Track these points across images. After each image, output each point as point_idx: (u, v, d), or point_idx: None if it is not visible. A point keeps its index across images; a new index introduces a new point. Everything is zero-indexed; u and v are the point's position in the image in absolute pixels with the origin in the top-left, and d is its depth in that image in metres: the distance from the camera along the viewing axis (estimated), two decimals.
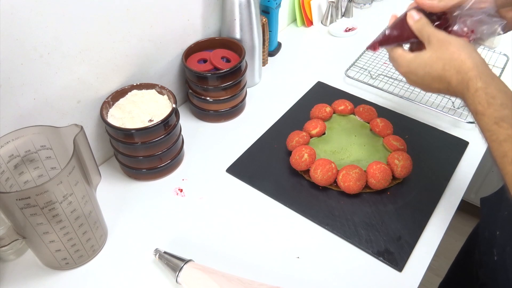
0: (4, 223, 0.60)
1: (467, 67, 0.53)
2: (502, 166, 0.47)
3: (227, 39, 0.90)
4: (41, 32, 0.61)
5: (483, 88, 0.51)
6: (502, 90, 0.51)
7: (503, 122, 0.48)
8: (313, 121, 0.83)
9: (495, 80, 0.52)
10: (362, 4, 1.29)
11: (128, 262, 0.66)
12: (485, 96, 0.50)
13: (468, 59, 0.53)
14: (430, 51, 0.57)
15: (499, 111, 0.49)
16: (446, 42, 0.56)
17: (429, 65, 0.57)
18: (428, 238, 0.69)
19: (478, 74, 0.52)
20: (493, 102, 0.50)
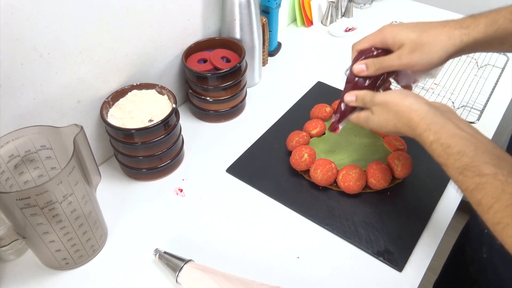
0: (4, 223, 0.60)
1: (414, 123, 0.54)
2: (480, 214, 0.46)
3: (227, 39, 0.90)
4: (41, 32, 0.61)
5: (436, 140, 0.51)
6: (455, 135, 0.50)
7: (467, 171, 0.47)
8: (313, 121, 0.83)
9: (445, 126, 0.52)
10: (362, 4, 1.29)
11: (128, 262, 0.66)
12: (441, 147, 0.50)
13: (412, 113, 0.54)
14: (376, 116, 0.60)
15: (459, 160, 0.48)
16: (385, 104, 0.58)
17: (383, 126, 0.59)
18: (428, 238, 0.69)
19: (426, 127, 0.52)
20: (450, 152, 0.49)
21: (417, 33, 0.59)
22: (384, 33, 0.62)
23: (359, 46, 0.65)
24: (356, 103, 0.64)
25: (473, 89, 0.97)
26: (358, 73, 0.64)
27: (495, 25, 0.57)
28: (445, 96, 0.94)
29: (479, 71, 1.02)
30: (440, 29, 0.59)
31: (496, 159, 0.46)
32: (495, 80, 0.99)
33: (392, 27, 0.62)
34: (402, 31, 0.60)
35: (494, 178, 0.44)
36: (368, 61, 0.63)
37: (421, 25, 0.61)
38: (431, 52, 0.59)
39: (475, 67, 1.04)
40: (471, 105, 0.92)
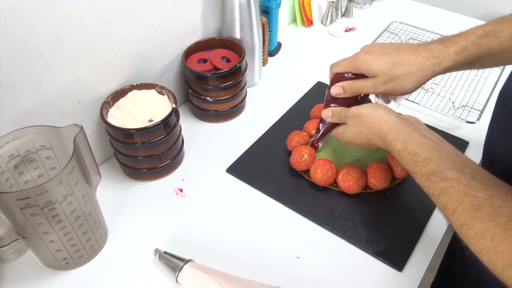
0: (4, 223, 0.60)
1: (384, 133, 0.58)
2: (447, 218, 0.48)
3: (227, 39, 0.90)
4: (41, 32, 0.61)
5: (404, 149, 0.55)
6: (421, 144, 0.53)
7: (433, 177, 0.50)
8: (313, 121, 0.83)
9: (412, 135, 0.55)
10: (362, 4, 1.29)
11: (128, 262, 0.66)
12: (409, 155, 0.54)
13: (382, 124, 0.58)
14: (350, 128, 0.64)
15: (426, 167, 0.51)
16: (358, 115, 0.63)
17: (356, 138, 0.63)
18: (428, 238, 0.69)
19: (395, 137, 0.56)
20: (417, 159, 0.52)
21: (389, 66, 0.62)
22: (358, 62, 0.65)
23: (335, 69, 0.69)
24: (333, 119, 0.69)
25: (473, 89, 0.97)
26: (336, 95, 0.69)
27: (464, 52, 0.60)
28: (445, 96, 0.94)
29: (479, 71, 1.02)
30: (413, 60, 0.62)
31: (459, 165, 0.49)
32: (495, 80, 0.99)
33: (365, 55, 0.65)
34: (376, 62, 0.63)
35: (457, 182, 0.47)
36: (345, 84, 0.67)
37: (393, 53, 0.63)
38: (404, 84, 0.63)
39: None
40: (471, 105, 0.92)
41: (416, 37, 1.13)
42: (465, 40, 0.61)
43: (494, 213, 0.43)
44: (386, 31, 1.16)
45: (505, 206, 0.43)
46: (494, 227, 0.42)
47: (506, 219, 0.42)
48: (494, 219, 0.42)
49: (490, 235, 0.42)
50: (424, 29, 1.15)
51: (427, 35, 1.14)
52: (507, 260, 0.40)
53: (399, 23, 1.19)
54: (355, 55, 0.66)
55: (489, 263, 0.42)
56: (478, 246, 0.43)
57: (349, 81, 0.67)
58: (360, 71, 0.66)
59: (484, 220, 0.43)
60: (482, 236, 0.42)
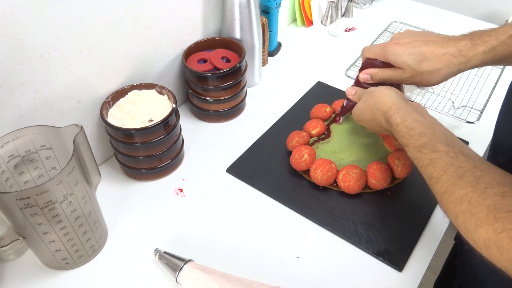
0: (4, 223, 0.60)
1: (387, 106, 0.61)
2: (432, 188, 0.51)
3: (227, 39, 0.90)
4: (41, 32, 0.61)
5: (402, 122, 0.58)
6: (418, 121, 0.57)
7: (424, 149, 0.53)
8: (313, 121, 0.83)
9: (413, 113, 0.58)
10: (362, 4, 1.29)
11: (128, 262, 0.66)
12: (405, 129, 0.57)
13: (387, 99, 0.62)
14: (361, 102, 0.68)
15: (419, 140, 0.54)
16: (371, 92, 0.66)
17: (362, 112, 0.67)
18: (428, 238, 0.69)
19: (396, 111, 0.60)
20: (412, 133, 0.56)
21: (416, 61, 0.65)
22: (387, 52, 0.68)
23: (367, 54, 0.72)
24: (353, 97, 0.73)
25: (473, 89, 0.97)
26: (364, 81, 0.73)
27: (492, 52, 0.61)
28: (445, 96, 0.94)
29: (479, 71, 1.02)
30: (440, 56, 0.64)
31: (450, 141, 0.52)
32: (495, 80, 0.99)
33: (395, 46, 0.67)
34: (404, 55, 0.66)
35: (446, 154, 0.50)
36: (373, 72, 0.71)
37: (422, 47, 0.65)
38: (429, 79, 0.66)
39: None
40: (471, 105, 0.92)
41: None
42: (495, 40, 0.61)
43: (475, 181, 0.45)
44: (386, 31, 1.16)
45: (485, 176, 0.45)
46: (472, 192, 0.44)
47: (484, 186, 0.44)
48: (474, 185, 0.45)
49: (468, 199, 0.44)
50: (424, 29, 1.15)
51: None
52: (479, 220, 0.42)
53: (399, 23, 1.19)
54: (385, 44, 0.69)
55: (462, 225, 0.44)
56: (456, 210, 0.45)
57: (378, 69, 0.70)
58: (388, 61, 0.69)
59: (464, 186, 0.45)
60: (461, 201, 0.45)
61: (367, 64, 0.72)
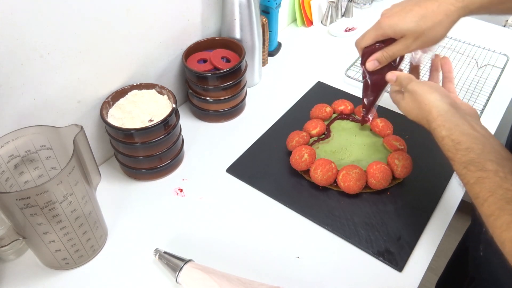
0: (4, 223, 0.60)
1: (432, 117, 0.57)
2: (477, 207, 0.48)
3: (227, 39, 0.90)
4: (41, 32, 0.61)
5: (448, 136, 0.54)
6: (466, 134, 0.53)
7: (471, 166, 0.50)
8: (313, 121, 0.83)
9: (459, 125, 0.54)
10: (362, 4, 1.29)
11: (128, 262, 0.66)
12: (452, 143, 0.53)
13: (433, 108, 0.57)
14: (405, 103, 0.63)
15: (466, 156, 0.51)
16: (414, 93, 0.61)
17: (408, 113, 0.63)
18: (428, 238, 0.69)
19: (442, 123, 0.55)
20: (459, 148, 0.52)
21: (415, 22, 0.62)
22: (383, 28, 0.65)
23: (362, 43, 0.68)
24: (396, 83, 0.67)
25: (473, 89, 0.97)
26: (373, 69, 0.69)
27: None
28: None
29: (479, 71, 1.02)
30: (436, 9, 0.61)
31: (501, 158, 0.49)
32: (495, 80, 0.99)
33: (388, 19, 0.64)
34: (400, 23, 0.63)
35: (494, 174, 0.47)
36: (378, 56, 0.67)
37: (415, 9, 0.62)
38: (434, 34, 0.62)
39: (475, 67, 1.04)
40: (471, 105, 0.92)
41: None
42: None
43: None
44: None
45: None
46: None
47: None
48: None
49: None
50: None
51: None
52: None
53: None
54: (378, 22, 0.66)
55: (510, 253, 0.42)
56: (502, 236, 0.43)
57: (381, 50, 0.67)
58: (387, 36, 0.66)
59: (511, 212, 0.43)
60: (507, 228, 0.43)
61: (366, 53, 0.69)
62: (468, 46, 1.10)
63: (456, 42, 1.11)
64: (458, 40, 1.12)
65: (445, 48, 1.10)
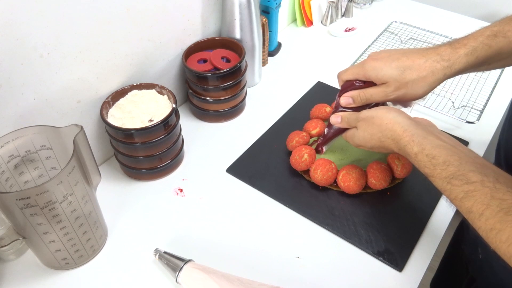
0: (4, 223, 0.60)
1: (398, 135, 0.56)
2: (471, 222, 0.46)
3: (227, 39, 0.90)
4: (41, 32, 0.61)
5: (420, 151, 0.53)
6: (438, 146, 0.52)
7: (454, 180, 0.48)
8: (313, 121, 0.83)
9: (428, 137, 0.53)
10: (362, 4, 1.29)
11: (128, 262, 0.66)
12: (427, 158, 0.52)
13: (395, 126, 0.56)
14: (361, 130, 0.62)
15: (446, 170, 0.49)
16: (370, 118, 0.60)
17: (367, 140, 0.61)
18: (428, 238, 0.69)
19: (409, 139, 0.54)
20: (435, 163, 0.51)
21: (399, 71, 0.61)
22: (366, 69, 0.64)
23: (344, 76, 0.68)
24: (342, 124, 0.67)
25: (473, 89, 0.97)
26: (346, 105, 0.67)
27: (475, 54, 0.59)
28: (445, 96, 0.94)
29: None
30: (423, 64, 0.60)
31: (480, 167, 0.48)
32: (495, 80, 0.99)
33: (373, 62, 0.63)
34: (384, 68, 0.62)
35: (481, 185, 0.45)
36: (354, 94, 0.66)
37: (402, 58, 0.61)
38: (415, 89, 0.61)
39: None
40: (471, 105, 0.92)
41: (416, 37, 1.13)
42: (474, 41, 0.59)
43: None
44: (386, 31, 1.16)
45: None
46: None
47: None
48: None
49: None
50: (424, 29, 1.15)
51: (427, 35, 1.14)
52: None
53: (399, 23, 1.19)
54: (363, 62, 0.65)
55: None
56: (510, 251, 0.41)
57: (359, 90, 0.65)
58: (369, 78, 0.64)
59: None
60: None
61: (346, 87, 0.67)
62: None
63: None
64: None
65: None
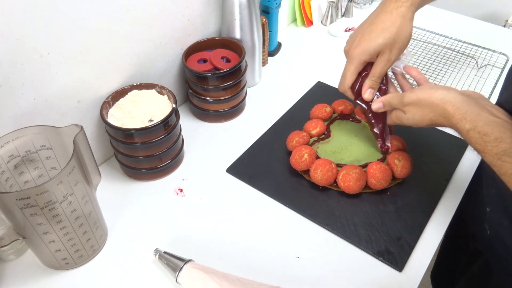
0: (4, 223, 0.60)
1: (449, 114, 0.55)
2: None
3: (227, 39, 0.90)
4: (41, 32, 0.61)
5: (472, 128, 0.52)
6: (491, 123, 0.52)
7: (505, 157, 0.49)
8: (313, 121, 0.83)
9: (481, 114, 0.53)
10: (362, 4, 1.29)
11: (128, 262, 0.66)
12: (478, 135, 0.52)
13: (446, 104, 0.56)
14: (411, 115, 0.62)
15: (497, 147, 0.50)
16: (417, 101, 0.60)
17: (419, 122, 0.61)
18: (428, 238, 0.69)
19: (462, 117, 0.54)
20: (487, 140, 0.51)
21: (381, 37, 0.65)
22: (357, 58, 0.67)
23: (348, 82, 0.70)
24: (385, 108, 0.68)
25: (473, 89, 0.97)
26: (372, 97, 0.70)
27: None
28: None
29: (479, 71, 1.02)
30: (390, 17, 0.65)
31: None
32: (495, 80, 0.99)
33: (356, 49, 0.67)
34: (369, 44, 0.66)
35: None
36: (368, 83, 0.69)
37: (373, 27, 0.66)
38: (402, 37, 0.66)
39: (475, 67, 1.04)
40: None
41: (416, 37, 1.13)
42: None
43: None
44: None
45: None
46: None
47: None
48: None
49: None
50: (424, 29, 1.15)
51: (427, 35, 1.14)
52: None
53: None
54: (349, 58, 0.69)
55: None
56: None
57: (368, 77, 0.69)
58: (365, 62, 0.68)
59: None
60: None
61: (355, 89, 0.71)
62: (468, 46, 1.10)
63: (456, 42, 1.11)
64: (458, 40, 1.12)
65: (445, 48, 1.10)
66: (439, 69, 1.03)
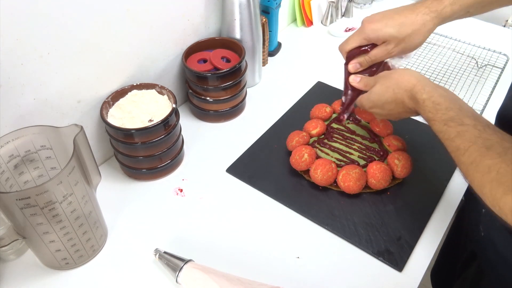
0: (4, 223, 0.60)
1: (412, 84, 0.62)
2: (457, 159, 0.52)
3: (227, 39, 0.90)
4: (41, 32, 0.61)
5: (428, 98, 0.59)
6: (444, 96, 0.58)
7: (451, 122, 0.54)
8: (313, 121, 0.83)
9: (438, 89, 0.60)
10: (362, 4, 1.29)
11: (128, 262, 0.66)
12: (432, 104, 0.58)
13: (411, 77, 0.63)
14: (379, 85, 0.68)
15: (446, 114, 0.56)
16: (389, 74, 0.67)
17: (382, 94, 0.66)
18: (428, 238, 0.69)
19: (422, 87, 0.61)
20: (439, 108, 0.57)
21: (396, 29, 0.67)
22: (366, 33, 0.69)
23: (347, 46, 0.73)
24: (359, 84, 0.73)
25: (473, 89, 0.97)
26: (354, 71, 0.73)
27: (458, 3, 0.66)
28: None
29: (479, 71, 1.02)
30: (414, 18, 0.67)
31: (477, 116, 0.54)
32: (495, 80, 0.99)
33: (371, 25, 0.69)
34: (383, 28, 0.68)
35: (473, 127, 0.52)
36: (360, 59, 0.72)
37: (395, 17, 0.68)
38: (413, 42, 0.68)
39: (475, 67, 1.04)
40: (471, 105, 0.92)
41: None
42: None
43: (503, 152, 0.47)
44: None
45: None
46: (501, 162, 0.46)
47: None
48: (502, 156, 0.46)
49: (496, 169, 0.46)
50: None
51: None
52: (507, 188, 0.44)
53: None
54: (361, 28, 0.70)
55: (488, 193, 0.46)
56: (483, 179, 0.47)
57: (363, 54, 0.71)
58: (370, 41, 0.70)
59: (493, 157, 0.47)
60: (489, 171, 0.46)
61: (350, 56, 0.72)
62: (468, 46, 1.10)
63: (456, 42, 1.11)
64: (458, 40, 1.12)
65: (445, 48, 1.10)
66: (439, 69, 1.03)
